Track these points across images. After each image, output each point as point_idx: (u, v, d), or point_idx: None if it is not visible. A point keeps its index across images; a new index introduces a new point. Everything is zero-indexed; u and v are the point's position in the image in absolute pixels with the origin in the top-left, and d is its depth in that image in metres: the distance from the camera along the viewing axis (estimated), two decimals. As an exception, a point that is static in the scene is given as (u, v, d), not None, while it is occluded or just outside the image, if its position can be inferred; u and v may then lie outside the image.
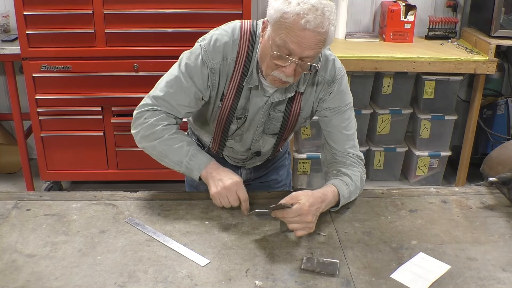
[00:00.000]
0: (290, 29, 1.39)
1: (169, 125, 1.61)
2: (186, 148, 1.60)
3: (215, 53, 1.56)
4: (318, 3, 1.38)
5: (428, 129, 3.59)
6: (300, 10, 1.37)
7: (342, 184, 1.59)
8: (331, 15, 1.40)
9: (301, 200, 1.45)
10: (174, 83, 1.60)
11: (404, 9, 3.39)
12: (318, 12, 1.37)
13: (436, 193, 1.75)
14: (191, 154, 1.60)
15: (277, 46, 1.42)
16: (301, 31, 1.38)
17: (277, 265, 1.36)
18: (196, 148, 1.62)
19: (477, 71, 3.20)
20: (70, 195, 1.69)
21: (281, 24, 1.40)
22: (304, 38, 1.39)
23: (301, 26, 1.37)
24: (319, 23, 1.37)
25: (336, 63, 1.64)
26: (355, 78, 3.43)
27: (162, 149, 1.60)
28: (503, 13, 3.21)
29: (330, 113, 1.67)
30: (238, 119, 1.67)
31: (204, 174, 1.59)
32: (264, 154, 1.82)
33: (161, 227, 1.52)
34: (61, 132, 3.19)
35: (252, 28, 1.58)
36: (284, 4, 1.40)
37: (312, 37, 1.39)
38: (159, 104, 1.62)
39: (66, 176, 3.42)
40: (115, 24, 2.97)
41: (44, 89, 3.09)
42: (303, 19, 1.36)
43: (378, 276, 1.33)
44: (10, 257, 1.37)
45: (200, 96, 1.61)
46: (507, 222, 1.58)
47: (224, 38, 1.57)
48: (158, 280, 1.30)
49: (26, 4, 2.90)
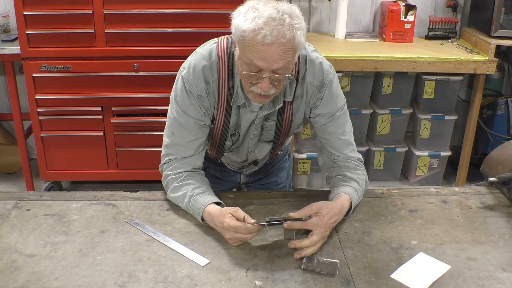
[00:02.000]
0: (252, 46, 1.35)
1: (179, 173, 1.60)
2: (185, 200, 1.57)
3: (197, 80, 1.54)
4: (274, 13, 1.33)
5: (428, 129, 3.59)
6: (255, 26, 1.33)
7: (353, 191, 1.58)
8: (293, 20, 1.34)
9: (321, 212, 1.44)
10: (174, 125, 1.60)
11: (404, 9, 3.39)
12: (275, 23, 1.32)
13: (436, 193, 1.75)
14: (190, 207, 1.56)
15: (246, 64, 1.39)
16: (263, 47, 1.33)
17: (277, 265, 1.36)
18: (193, 196, 1.56)
19: (477, 71, 3.20)
20: (70, 195, 1.69)
21: (243, 42, 1.37)
22: (267, 53, 1.34)
23: (260, 42, 1.33)
24: (278, 34, 1.32)
25: (324, 65, 1.58)
26: (355, 78, 3.43)
27: (172, 198, 1.62)
28: (503, 13, 3.21)
29: (324, 119, 1.62)
30: (232, 136, 1.66)
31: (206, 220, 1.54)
32: (262, 160, 1.81)
33: (161, 227, 1.52)
34: (61, 132, 3.19)
35: (229, 46, 1.54)
36: (241, 20, 1.36)
37: (276, 50, 1.34)
38: (171, 152, 1.62)
39: (66, 176, 3.41)
40: (115, 24, 2.97)
41: (44, 89, 3.09)
42: (260, 35, 1.32)
43: (378, 276, 1.33)
44: (10, 257, 1.37)
45: (201, 123, 1.60)
46: (507, 222, 1.58)
47: (202, 63, 1.53)
48: (158, 280, 1.30)
49: (26, 4, 2.90)
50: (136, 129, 3.20)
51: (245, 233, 1.41)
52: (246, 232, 1.40)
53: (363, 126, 3.57)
